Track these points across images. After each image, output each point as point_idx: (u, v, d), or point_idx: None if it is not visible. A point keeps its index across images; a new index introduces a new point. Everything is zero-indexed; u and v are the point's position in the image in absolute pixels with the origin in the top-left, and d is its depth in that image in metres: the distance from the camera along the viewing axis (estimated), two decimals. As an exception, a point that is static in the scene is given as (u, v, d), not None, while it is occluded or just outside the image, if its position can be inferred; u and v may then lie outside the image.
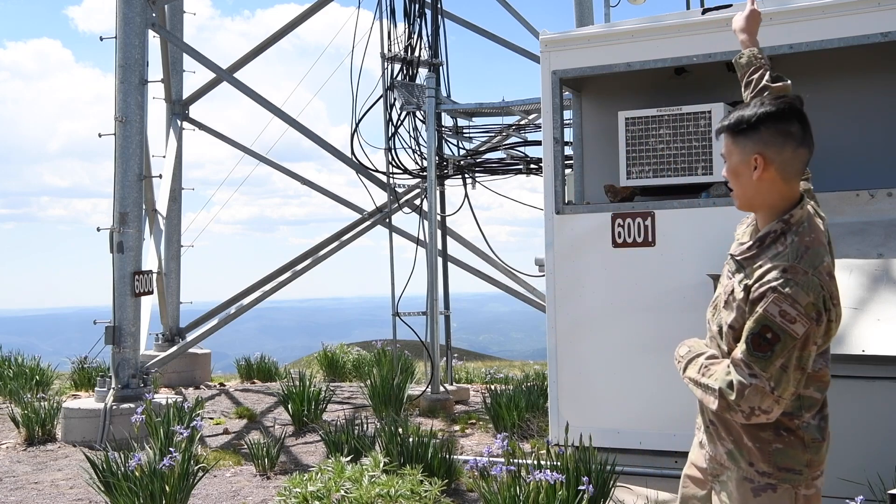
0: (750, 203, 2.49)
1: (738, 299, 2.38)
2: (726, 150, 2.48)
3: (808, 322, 2.25)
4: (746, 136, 2.42)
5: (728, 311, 2.42)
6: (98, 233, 8.25)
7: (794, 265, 2.30)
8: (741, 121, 2.44)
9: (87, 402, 7.99)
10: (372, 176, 9.60)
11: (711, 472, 2.55)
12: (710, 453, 2.54)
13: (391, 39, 9.34)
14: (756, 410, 2.27)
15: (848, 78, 5.24)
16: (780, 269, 2.29)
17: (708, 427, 2.54)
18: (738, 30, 3.00)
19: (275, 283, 9.81)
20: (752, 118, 2.41)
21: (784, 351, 2.25)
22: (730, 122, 2.46)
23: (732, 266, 2.48)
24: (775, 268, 2.30)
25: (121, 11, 8.27)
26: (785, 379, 2.26)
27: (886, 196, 4.63)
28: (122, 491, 4.85)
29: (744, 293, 2.36)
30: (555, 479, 4.17)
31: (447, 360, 9.88)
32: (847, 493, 3.77)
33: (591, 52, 5.28)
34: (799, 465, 2.41)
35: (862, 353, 4.02)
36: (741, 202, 2.51)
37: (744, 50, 2.95)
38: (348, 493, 4.48)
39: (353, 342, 13.80)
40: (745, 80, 2.91)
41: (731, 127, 2.46)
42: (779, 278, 2.27)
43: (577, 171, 5.97)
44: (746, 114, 2.43)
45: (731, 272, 2.47)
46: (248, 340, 79.16)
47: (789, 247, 2.35)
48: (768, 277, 2.30)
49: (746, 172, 2.43)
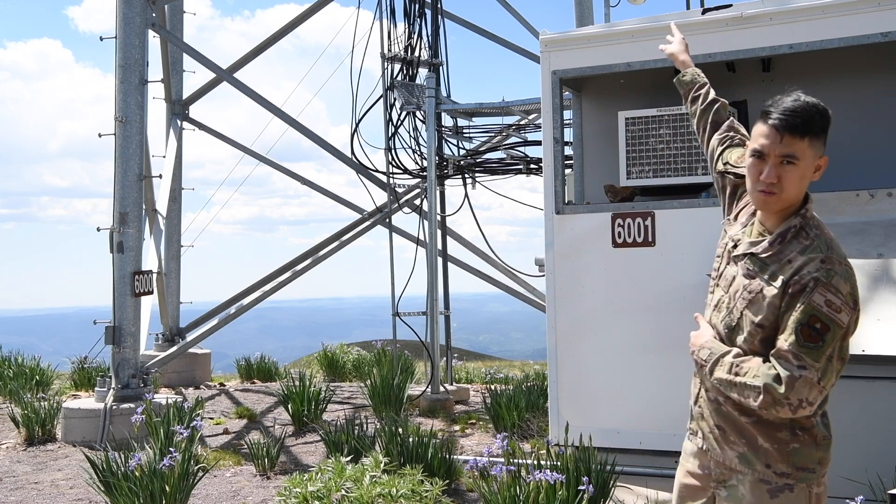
0: (790, 203, 2.40)
1: (768, 297, 2.33)
2: (801, 153, 2.33)
3: (850, 311, 2.27)
4: (821, 136, 2.37)
5: (755, 310, 2.37)
6: (98, 233, 8.25)
7: (830, 256, 2.31)
8: (827, 121, 2.37)
9: (87, 402, 7.98)
10: (372, 176, 9.60)
11: (717, 477, 2.50)
12: (717, 458, 2.49)
13: (391, 39, 9.34)
14: (804, 403, 2.24)
15: (848, 78, 5.24)
16: (819, 261, 2.29)
17: (713, 432, 2.49)
18: (674, 53, 3.15)
19: (275, 283, 9.81)
20: (829, 114, 2.37)
21: (833, 341, 2.25)
22: (814, 125, 2.33)
23: (753, 265, 2.41)
24: (812, 260, 2.30)
25: (121, 11, 8.27)
26: (830, 369, 2.26)
27: (886, 196, 4.63)
28: (122, 491, 4.85)
29: (779, 289, 2.32)
30: (555, 479, 4.17)
31: (447, 360, 9.88)
32: (847, 493, 3.77)
33: (591, 52, 5.28)
34: (813, 463, 2.41)
35: (862, 353, 4.02)
36: (782, 204, 2.39)
37: (685, 69, 3.09)
38: (348, 493, 4.48)
39: (353, 342, 13.80)
40: (690, 96, 3.02)
41: (816, 130, 2.35)
42: (820, 269, 2.27)
43: (577, 171, 5.97)
44: (823, 109, 2.36)
45: (754, 271, 2.41)
46: (248, 340, 79.15)
47: (815, 240, 2.35)
48: (808, 268, 2.29)
49: (810, 174, 2.38)
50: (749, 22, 4.85)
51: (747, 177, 2.45)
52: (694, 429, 2.60)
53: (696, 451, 2.60)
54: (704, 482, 2.57)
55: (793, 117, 2.31)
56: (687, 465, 2.63)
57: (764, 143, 2.35)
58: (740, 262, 2.47)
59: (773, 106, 2.36)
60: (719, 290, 2.54)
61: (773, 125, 2.33)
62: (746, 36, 4.86)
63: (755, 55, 4.92)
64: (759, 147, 2.36)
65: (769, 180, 2.34)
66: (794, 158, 2.33)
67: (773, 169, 2.34)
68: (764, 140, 2.35)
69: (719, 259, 2.61)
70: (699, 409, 2.57)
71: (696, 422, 2.59)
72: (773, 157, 2.34)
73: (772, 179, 2.34)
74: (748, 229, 2.52)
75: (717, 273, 2.59)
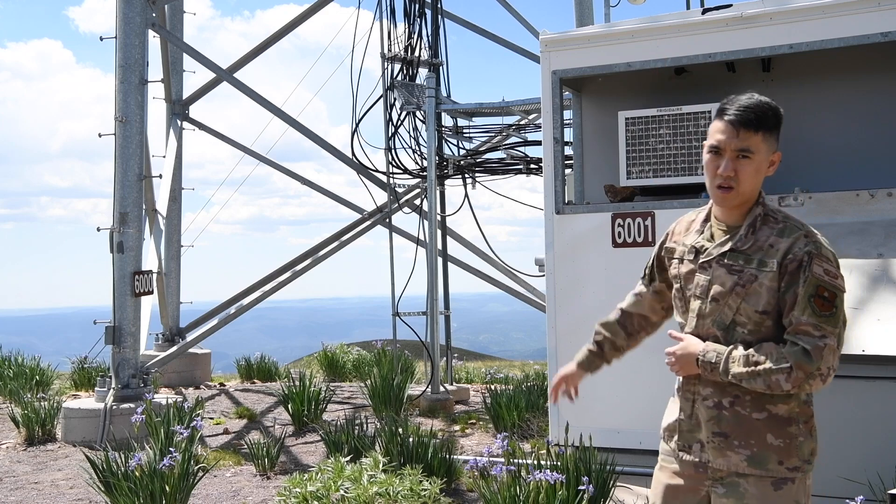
0: (748, 197, 2.48)
1: (766, 283, 2.39)
2: (756, 147, 2.41)
3: (842, 276, 2.38)
4: (774, 132, 2.45)
5: (755, 301, 2.41)
6: (98, 233, 8.25)
7: (810, 230, 2.42)
8: (779, 117, 2.46)
9: (87, 402, 7.98)
10: (372, 176, 9.60)
11: (712, 475, 2.48)
12: (720, 466, 2.46)
13: (391, 39, 9.34)
14: (831, 370, 2.31)
15: (848, 78, 5.24)
16: (803, 236, 2.40)
17: (711, 442, 2.47)
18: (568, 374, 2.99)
19: (275, 283, 9.81)
20: (781, 112, 2.46)
21: (842, 305, 2.35)
22: (766, 119, 2.41)
23: (736, 259, 2.44)
24: (797, 238, 2.40)
25: (121, 11, 8.27)
26: (843, 334, 2.36)
27: (886, 196, 4.63)
28: (122, 491, 4.85)
29: (775, 272, 2.38)
30: (555, 479, 4.17)
31: (447, 360, 9.88)
32: (847, 492, 3.77)
33: (591, 52, 5.28)
34: (811, 454, 2.46)
35: (862, 353, 4.02)
36: (740, 199, 2.46)
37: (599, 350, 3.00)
38: (348, 493, 4.48)
39: (353, 342, 13.79)
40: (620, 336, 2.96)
41: (769, 125, 2.43)
42: (808, 244, 2.38)
43: (577, 171, 5.97)
44: (774, 106, 2.44)
45: (739, 265, 2.44)
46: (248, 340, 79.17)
47: (785, 221, 2.46)
48: (797, 246, 2.38)
49: (765, 169, 2.46)
50: (749, 22, 4.85)
51: (705, 173, 2.50)
52: (682, 444, 2.56)
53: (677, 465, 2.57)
54: (695, 482, 2.54)
55: (747, 112, 2.41)
56: (672, 466, 2.61)
57: (720, 139, 2.44)
58: (718, 264, 2.49)
59: (729, 103, 2.45)
60: (695, 300, 2.54)
61: (728, 121, 2.42)
62: (746, 36, 4.86)
63: (755, 55, 4.92)
64: (716, 142, 2.45)
65: (726, 173, 2.42)
66: (749, 152, 2.41)
67: (729, 163, 2.42)
68: (720, 135, 2.44)
69: (678, 279, 2.61)
70: (693, 422, 2.53)
71: (684, 437, 2.55)
72: (729, 152, 2.43)
73: (729, 173, 2.42)
74: (707, 234, 2.57)
75: (681, 290, 2.60)
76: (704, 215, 2.61)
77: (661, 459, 2.66)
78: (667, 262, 2.71)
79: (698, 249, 2.55)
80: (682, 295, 2.59)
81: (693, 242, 2.58)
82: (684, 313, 2.59)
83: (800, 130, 5.40)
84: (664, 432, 2.66)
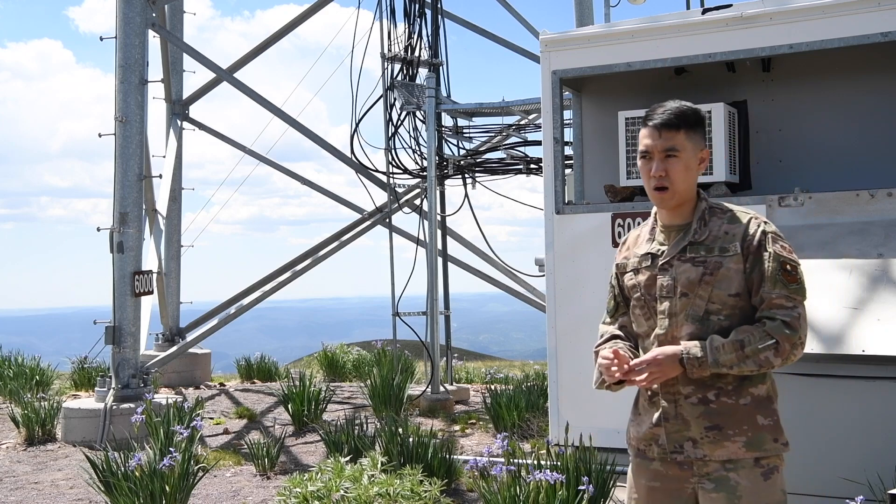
0: (686, 196, 2.58)
1: (733, 266, 2.49)
2: (680, 145, 2.53)
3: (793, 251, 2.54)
4: (698, 130, 2.59)
5: (726, 285, 2.49)
6: (98, 233, 8.25)
7: (756, 213, 2.58)
8: (700, 116, 2.59)
9: (87, 402, 7.99)
10: (372, 176, 9.60)
11: (698, 471, 2.50)
12: (719, 458, 2.47)
13: (391, 39, 9.34)
14: (805, 337, 2.45)
15: (848, 78, 5.24)
16: (753, 219, 2.54)
17: (705, 437, 2.48)
18: None
19: (275, 283, 9.81)
20: (701, 112, 2.60)
21: (803, 276, 2.50)
22: (685, 118, 2.55)
23: (698, 251, 2.53)
24: (748, 221, 2.54)
25: (121, 11, 8.27)
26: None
27: (886, 196, 4.63)
28: (122, 491, 4.85)
29: (740, 254, 2.49)
30: (555, 479, 4.17)
31: (447, 360, 9.88)
32: (847, 493, 3.77)
33: (591, 52, 5.28)
34: None
35: (862, 353, 4.03)
36: (678, 198, 2.56)
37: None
38: (348, 493, 4.48)
39: (353, 342, 13.79)
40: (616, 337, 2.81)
41: (690, 123, 2.55)
42: (760, 225, 2.53)
43: (577, 171, 5.97)
44: (694, 107, 2.58)
45: (702, 255, 2.52)
46: (248, 340, 79.17)
47: (730, 210, 2.58)
48: (751, 228, 2.52)
49: (695, 166, 2.58)
50: (749, 22, 4.85)
51: (643, 179, 2.62)
52: (672, 447, 2.54)
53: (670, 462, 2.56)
54: (679, 482, 2.54)
55: (666, 114, 2.55)
56: (653, 466, 2.60)
57: (647, 143, 2.58)
58: (680, 260, 2.55)
59: (651, 111, 2.61)
60: (663, 302, 2.57)
61: (651, 126, 2.58)
62: (746, 36, 4.87)
63: (755, 55, 4.93)
64: (644, 147, 2.59)
65: (658, 173, 2.54)
66: (675, 151, 2.54)
67: (659, 164, 2.54)
68: (647, 140, 2.58)
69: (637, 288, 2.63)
70: (679, 422, 2.53)
71: (672, 439, 2.54)
72: (657, 154, 2.56)
73: (660, 173, 2.54)
74: (658, 239, 2.63)
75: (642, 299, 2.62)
76: (650, 227, 2.70)
77: (636, 465, 2.67)
78: (621, 279, 2.74)
79: (654, 254, 2.62)
80: (645, 302, 2.62)
81: (646, 251, 2.65)
82: (649, 319, 2.61)
83: (800, 130, 5.41)
84: (639, 443, 2.64)
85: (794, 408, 4.17)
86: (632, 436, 2.69)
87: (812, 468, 4.10)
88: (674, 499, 2.56)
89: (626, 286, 2.71)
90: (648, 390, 2.62)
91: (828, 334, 4.13)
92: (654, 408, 2.60)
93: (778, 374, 2.58)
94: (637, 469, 2.66)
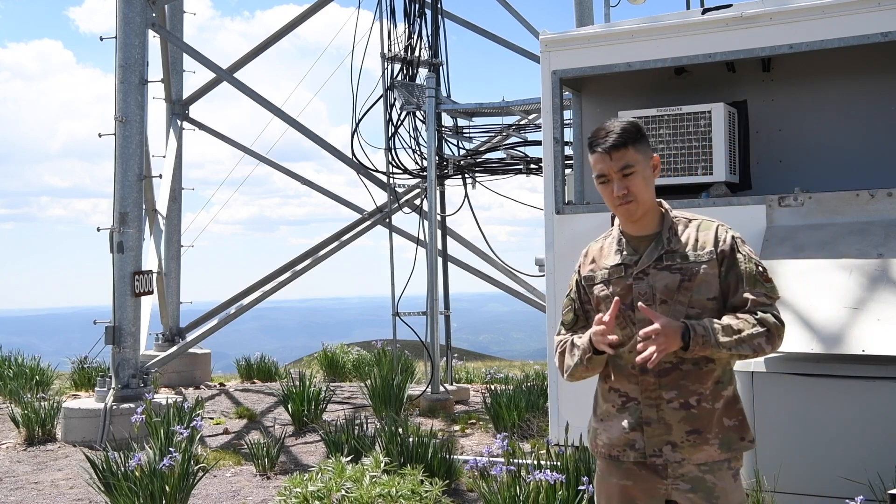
0: (650, 205, 2.64)
1: (711, 271, 2.57)
2: (633, 160, 2.58)
3: None
4: (642, 141, 2.64)
5: (705, 289, 2.56)
6: (98, 233, 8.25)
7: (720, 222, 2.66)
8: (640, 128, 2.65)
9: (87, 402, 7.99)
10: (372, 176, 9.60)
11: (674, 472, 2.53)
12: (698, 461, 2.52)
13: (391, 39, 9.34)
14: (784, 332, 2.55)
15: (848, 78, 5.24)
16: (718, 227, 2.63)
17: (686, 440, 2.52)
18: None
19: (275, 283, 9.81)
20: (639, 123, 2.68)
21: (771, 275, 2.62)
22: (629, 134, 2.58)
23: (674, 259, 2.58)
24: (716, 228, 2.62)
25: (121, 11, 8.27)
26: None
27: (886, 196, 4.63)
28: (122, 491, 4.85)
29: (715, 259, 2.57)
30: (555, 479, 4.17)
31: (447, 360, 9.88)
32: (847, 492, 3.77)
33: (591, 52, 5.28)
34: None
35: (862, 353, 4.03)
36: (643, 208, 2.62)
37: None
38: (349, 493, 4.48)
39: (353, 342, 13.79)
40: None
41: (634, 137, 2.59)
42: (726, 231, 2.62)
43: (577, 171, 5.97)
44: (632, 121, 2.65)
45: (678, 263, 2.58)
46: (248, 340, 79.15)
47: (694, 219, 2.67)
48: (719, 234, 2.60)
49: (650, 174, 2.64)
50: (749, 22, 4.85)
51: (606, 201, 2.66)
52: (651, 450, 2.56)
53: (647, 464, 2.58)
54: (651, 483, 2.57)
55: (612, 136, 2.59)
56: (625, 467, 2.61)
57: (601, 168, 2.62)
58: (656, 269, 2.59)
59: (592, 137, 2.64)
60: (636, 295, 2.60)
61: (599, 151, 2.61)
62: (746, 36, 4.87)
63: (755, 55, 4.93)
64: (599, 172, 2.63)
65: (621, 193, 2.60)
66: (629, 167, 2.58)
67: (619, 183, 2.59)
68: (601, 165, 2.62)
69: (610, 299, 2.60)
70: (661, 427, 2.55)
71: (652, 443, 2.56)
72: (613, 175, 2.60)
73: (622, 192, 2.59)
74: (629, 250, 2.66)
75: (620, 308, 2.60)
76: (615, 239, 2.72)
77: (605, 467, 2.69)
78: (588, 291, 2.74)
79: (627, 265, 2.65)
80: (621, 311, 2.61)
81: (617, 262, 2.67)
82: (625, 328, 2.61)
83: (800, 130, 5.41)
84: (611, 449, 2.64)
85: (794, 408, 4.17)
86: (602, 442, 2.69)
87: (812, 468, 4.10)
88: (648, 497, 2.59)
89: (595, 297, 2.71)
90: (620, 396, 2.63)
91: (828, 334, 4.13)
92: (627, 413, 2.62)
93: (778, 374, 2.59)
94: (607, 469, 2.68)
